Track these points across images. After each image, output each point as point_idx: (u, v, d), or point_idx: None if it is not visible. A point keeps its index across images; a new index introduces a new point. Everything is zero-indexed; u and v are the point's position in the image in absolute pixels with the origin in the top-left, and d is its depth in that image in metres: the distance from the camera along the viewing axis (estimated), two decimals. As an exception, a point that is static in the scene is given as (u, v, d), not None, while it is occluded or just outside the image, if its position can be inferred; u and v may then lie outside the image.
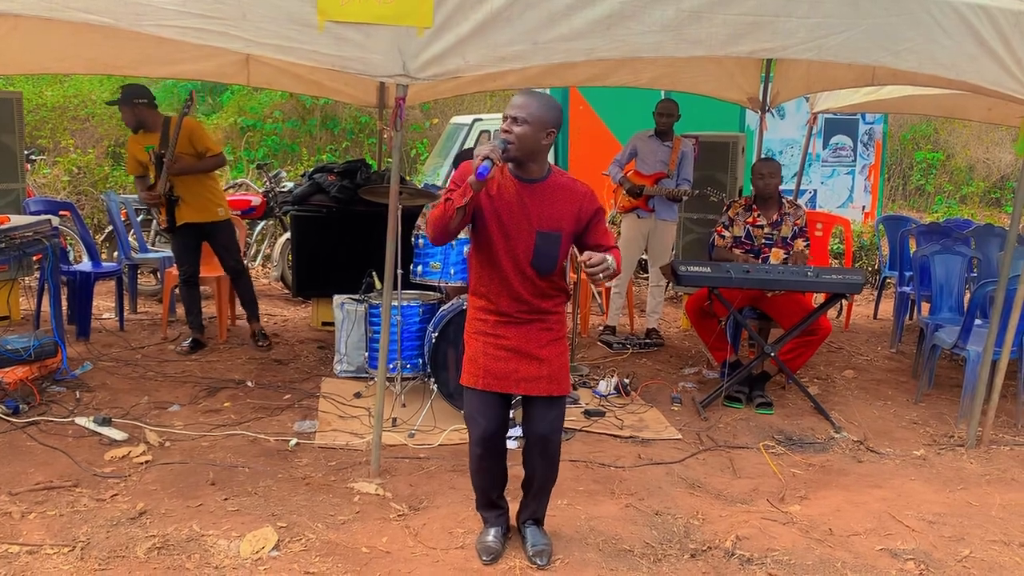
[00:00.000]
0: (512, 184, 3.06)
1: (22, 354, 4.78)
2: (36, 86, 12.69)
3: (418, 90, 6.74)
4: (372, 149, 13.34)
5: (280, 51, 3.55)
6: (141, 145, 5.67)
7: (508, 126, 2.95)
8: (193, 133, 5.62)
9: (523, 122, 2.94)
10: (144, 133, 5.67)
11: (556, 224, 3.05)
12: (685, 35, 3.75)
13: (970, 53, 4.00)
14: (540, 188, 3.06)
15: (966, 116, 7.38)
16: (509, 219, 3.04)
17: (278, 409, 4.83)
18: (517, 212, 3.04)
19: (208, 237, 5.90)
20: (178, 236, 5.82)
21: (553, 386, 3.13)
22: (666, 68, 6.59)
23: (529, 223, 3.04)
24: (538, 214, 3.04)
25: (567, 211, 3.05)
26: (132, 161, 5.77)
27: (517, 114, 2.94)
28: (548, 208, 3.04)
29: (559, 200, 3.05)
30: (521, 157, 3.00)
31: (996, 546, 3.54)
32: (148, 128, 5.66)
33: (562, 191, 3.06)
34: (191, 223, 5.74)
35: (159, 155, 5.57)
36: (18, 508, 3.46)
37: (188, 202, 5.69)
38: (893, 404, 5.43)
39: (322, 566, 3.15)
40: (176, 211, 5.69)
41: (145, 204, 5.80)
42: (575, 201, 3.06)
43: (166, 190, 5.58)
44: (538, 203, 3.04)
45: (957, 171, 15.97)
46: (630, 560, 3.30)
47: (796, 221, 5.41)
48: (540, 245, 3.04)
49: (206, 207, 5.77)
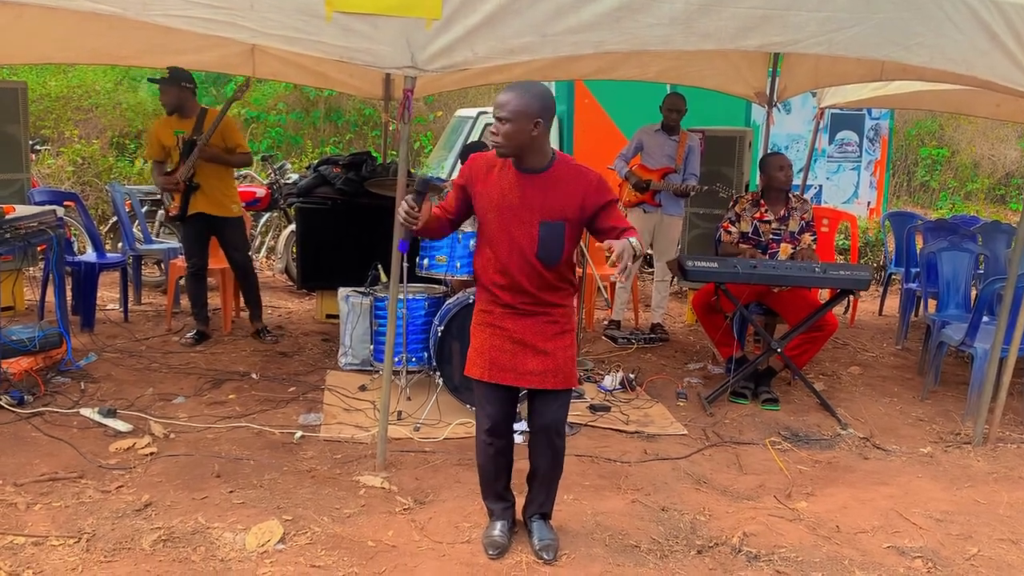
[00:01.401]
0: (513, 176, 3.04)
1: (27, 345, 4.77)
2: (40, 76, 12.64)
3: (423, 83, 6.69)
4: (376, 141, 13.33)
5: (287, 42, 3.53)
6: (170, 129, 5.65)
7: (495, 127, 2.97)
8: (226, 127, 5.65)
9: (506, 120, 2.94)
10: (177, 118, 5.66)
11: (560, 214, 3.02)
12: (694, 28, 3.72)
13: (981, 48, 3.97)
14: (542, 178, 3.03)
15: (974, 112, 7.33)
16: (511, 211, 3.03)
17: (283, 402, 4.82)
18: (519, 204, 3.02)
19: (218, 231, 5.88)
20: (188, 225, 5.80)
21: (559, 380, 3.12)
22: (673, 62, 6.56)
23: (532, 214, 3.02)
24: (541, 204, 3.02)
25: (571, 200, 3.02)
26: (155, 144, 5.72)
27: (500, 114, 2.94)
28: (551, 198, 3.02)
29: (562, 189, 3.02)
30: (513, 154, 3.00)
31: (1004, 544, 3.53)
32: (184, 113, 5.65)
33: (566, 180, 3.03)
34: (203, 214, 5.72)
35: (190, 141, 5.56)
36: (23, 499, 3.46)
37: (205, 192, 5.68)
38: (899, 401, 5.41)
39: (328, 559, 3.14)
40: (191, 199, 5.67)
41: (162, 188, 5.73)
42: (579, 189, 3.02)
43: (188, 176, 5.57)
44: (541, 193, 3.02)
45: (962, 167, 15.91)
46: (636, 556, 3.29)
47: (803, 216, 5.38)
48: (544, 236, 3.02)
49: (221, 201, 5.77)
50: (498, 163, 3.08)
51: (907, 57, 3.94)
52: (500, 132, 2.95)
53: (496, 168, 3.08)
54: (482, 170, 3.11)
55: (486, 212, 3.07)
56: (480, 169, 3.12)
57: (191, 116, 5.65)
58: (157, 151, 5.73)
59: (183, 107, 5.64)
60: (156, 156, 5.76)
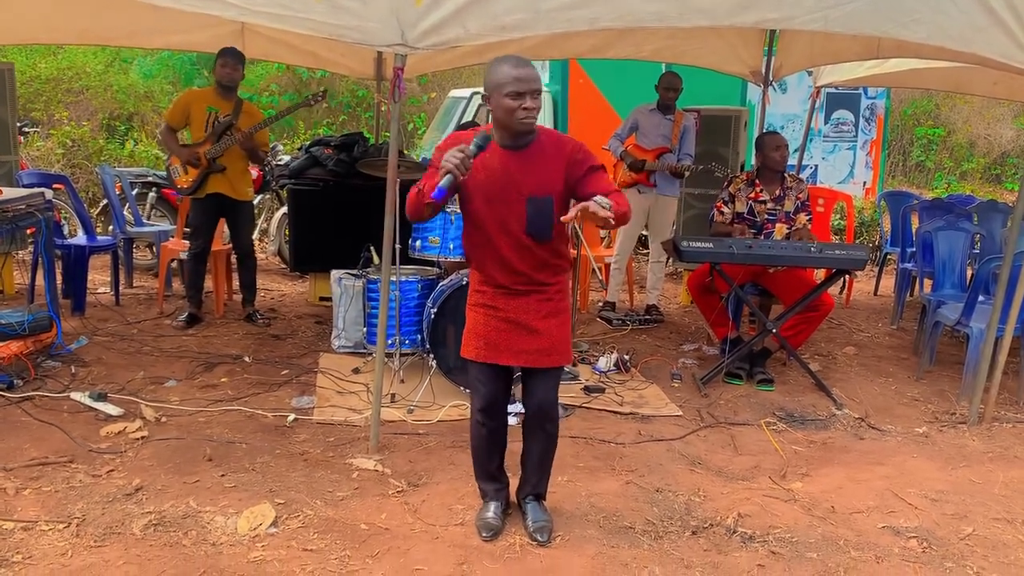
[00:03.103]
0: (497, 154, 2.97)
1: (16, 329, 4.73)
2: (30, 58, 12.52)
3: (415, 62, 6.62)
4: (369, 123, 13.24)
5: (275, 19, 3.47)
6: (204, 103, 5.60)
7: (531, 101, 2.85)
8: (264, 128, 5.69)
9: (539, 93, 2.88)
10: (217, 95, 5.62)
11: (546, 188, 2.96)
12: (690, 4, 3.67)
13: (979, 24, 3.91)
14: (526, 154, 2.97)
15: (971, 90, 7.29)
16: (495, 191, 2.97)
17: (276, 385, 4.79)
18: (504, 182, 2.96)
19: (231, 212, 5.85)
20: (201, 205, 5.75)
21: (553, 358, 3.10)
22: (668, 40, 6.50)
23: (519, 191, 2.96)
24: (527, 181, 2.96)
25: (555, 172, 2.96)
26: (182, 112, 5.63)
27: (534, 86, 2.85)
28: (536, 173, 2.96)
29: (546, 163, 2.96)
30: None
31: (999, 524, 3.52)
32: (226, 94, 5.62)
33: (548, 152, 2.97)
34: (219, 195, 5.68)
35: (226, 123, 5.55)
36: (13, 484, 3.42)
37: (228, 176, 5.66)
38: (894, 381, 5.40)
39: (320, 543, 3.12)
40: (210, 179, 5.63)
41: (184, 159, 5.61)
42: (562, 159, 2.96)
43: (215, 156, 5.55)
44: (525, 169, 2.96)
45: (958, 147, 15.88)
46: (631, 537, 3.28)
47: (799, 196, 5.35)
48: (531, 212, 2.97)
49: (239, 186, 5.77)
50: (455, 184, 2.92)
51: (904, 34, 3.89)
52: (536, 106, 2.87)
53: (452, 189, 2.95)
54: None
55: (472, 193, 3.01)
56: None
57: (231, 99, 5.63)
58: (180, 118, 5.65)
59: (231, 87, 5.63)
60: (175, 122, 5.66)
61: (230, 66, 5.57)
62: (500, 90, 2.86)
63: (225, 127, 5.55)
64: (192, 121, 5.62)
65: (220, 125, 5.56)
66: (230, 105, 5.61)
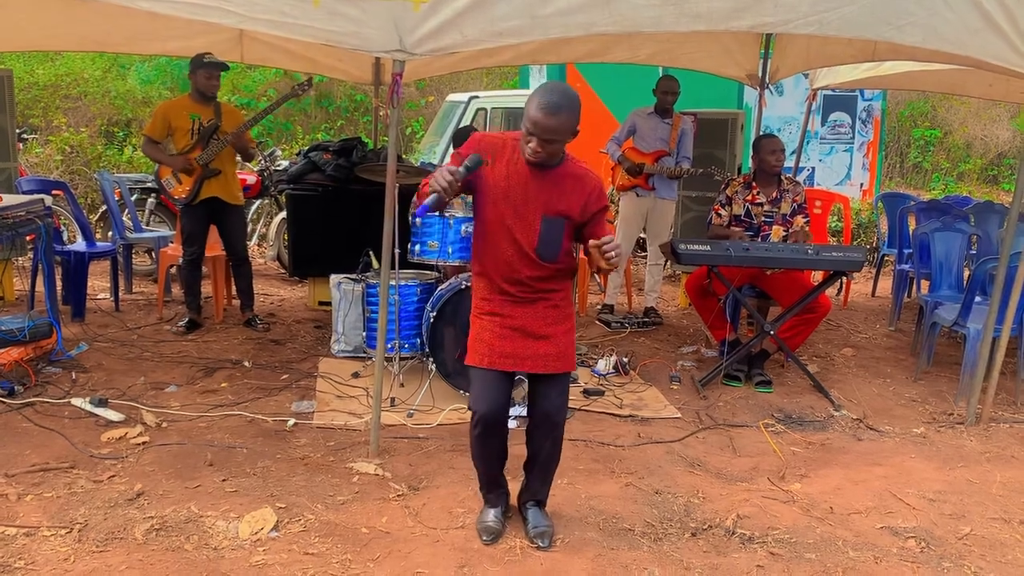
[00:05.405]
0: (524, 169, 3.01)
1: (17, 335, 4.74)
2: (28, 64, 12.53)
3: (413, 67, 6.67)
4: (367, 127, 13.25)
5: (274, 26, 3.49)
6: (185, 112, 5.61)
7: (538, 146, 2.88)
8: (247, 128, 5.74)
9: (554, 143, 2.89)
10: (195, 103, 5.63)
11: (563, 211, 3.02)
12: (686, 9, 3.69)
13: (974, 27, 3.94)
14: (552, 175, 3.02)
15: (966, 92, 7.33)
16: (515, 203, 3.01)
17: (276, 389, 4.80)
18: (524, 196, 3.01)
19: (223, 217, 5.85)
20: (194, 211, 5.74)
21: (560, 363, 3.13)
22: (664, 44, 6.53)
23: (536, 208, 3.01)
24: (546, 199, 3.01)
25: (575, 200, 3.02)
26: (162, 124, 5.62)
27: (546, 136, 2.86)
28: (557, 195, 3.01)
29: (568, 188, 3.02)
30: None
31: (996, 523, 3.54)
32: (205, 101, 5.64)
33: (572, 180, 3.03)
34: (211, 200, 5.70)
35: (211, 126, 5.58)
36: (15, 490, 3.44)
37: (221, 178, 5.69)
38: (892, 382, 5.42)
39: (321, 547, 3.13)
40: (205, 184, 5.65)
41: (179, 168, 5.61)
42: (584, 192, 3.03)
43: (208, 161, 5.58)
44: (547, 189, 3.01)
45: (954, 148, 15.90)
46: (631, 539, 3.29)
47: (795, 198, 5.37)
48: (544, 231, 3.02)
49: (231, 189, 5.80)
50: (507, 151, 3.02)
51: (899, 37, 3.92)
52: (544, 151, 2.89)
53: (506, 156, 3.02)
54: (489, 154, 3.01)
55: (488, 199, 3.03)
56: (487, 153, 3.00)
57: (210, 105, 5.66)
58: (162, 130, 5.66)
59: (212, 95, 5.66)
60: (157, 134, 5.67)
61: (216, 77, 5.65)
62: (524, 117, 2.90)
63: (211, 131, 5.58)
64: (175, 131, 5.63)
65: (206, 130, 5.58)
66: (210, 110, 5.63)
